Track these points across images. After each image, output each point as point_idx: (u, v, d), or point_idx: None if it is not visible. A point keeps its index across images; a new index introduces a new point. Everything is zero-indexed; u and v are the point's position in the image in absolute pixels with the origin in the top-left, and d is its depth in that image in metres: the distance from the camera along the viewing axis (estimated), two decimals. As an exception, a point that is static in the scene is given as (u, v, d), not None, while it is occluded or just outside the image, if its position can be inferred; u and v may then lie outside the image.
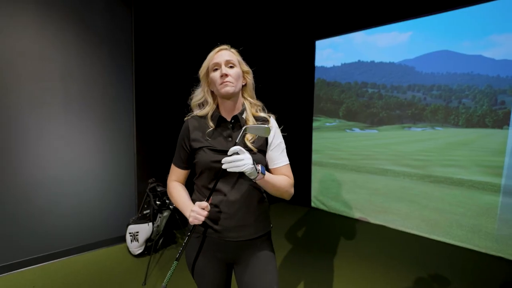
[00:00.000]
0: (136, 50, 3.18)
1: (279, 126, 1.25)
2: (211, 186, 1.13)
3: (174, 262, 1.13)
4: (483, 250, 3.05)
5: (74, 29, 2.79)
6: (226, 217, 1.13)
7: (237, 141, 1.04)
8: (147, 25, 3.24)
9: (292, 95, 4.66)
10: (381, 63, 3.84)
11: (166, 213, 2.85)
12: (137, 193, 3.26)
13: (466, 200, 3.21)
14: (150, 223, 2.79)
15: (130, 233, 2.85)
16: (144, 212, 2.87)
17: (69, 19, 2.75)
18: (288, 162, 1.21)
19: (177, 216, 2.82)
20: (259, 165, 1.05)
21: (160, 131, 3.41)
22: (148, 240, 2.85)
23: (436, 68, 3.39)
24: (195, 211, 1.05)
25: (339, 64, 4.24)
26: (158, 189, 2.88)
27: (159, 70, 3.38)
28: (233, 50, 1.18)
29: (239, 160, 0.98)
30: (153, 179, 2.93)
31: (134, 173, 3.26)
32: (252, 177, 1.03)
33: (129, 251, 2.92)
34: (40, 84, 2.64)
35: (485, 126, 3.10)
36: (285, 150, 1.21)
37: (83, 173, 2.93)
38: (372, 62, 3.91)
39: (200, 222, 1.05)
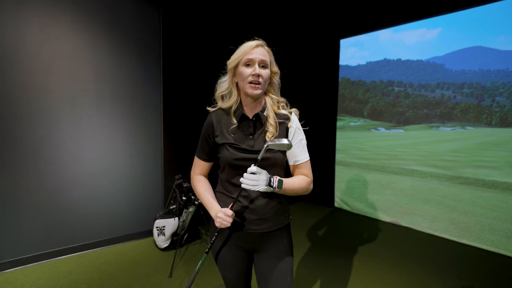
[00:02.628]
0: (164, 49, 3.31)
1: (301, 122, 1.25)
2: (233, 181, 1.18)
3: (204, 255, 1.21)
4: (518, 256, 2.90)
5: (106, 31, 2.95)
6: (248, 211, 1.18)
7: (258, 157, 1.08)
8: (174, 25, 3.36)
9: (316, 94, 4.64)
10: (408, 60, 3.74)
11: (191, 209, 2.95)
12: (164, 189, 3.39)
13: (500, 203, 3.05)
14: (176, 218, 2.90)
15: (157, 227, 2.97)
16: (171, 207, 2.98)
17: (101, 22, 2.92)
18: (308, 159, 1.22)
19: (202, 212, 2.91)
20: (276, 178, 1.10)
21: (187, 129, 3.52)
22: (174, 235, 2.96)
23: (467, 65, 3.25)
24: (221, 218, 1.11)
25: (364, 63, 4.17)
26: (184, 185, 2.98)
27: (186, 69, 3.49)
28: (267, 48, 1.18)
29: (254, 180, 1.05)
30: (179, 175, 3.04)
31: (161, 169, 3.39)
32: (268, 191, 1.10)
33: (156, 245, 3.05)
34: (75, 84, 2.82)
35: (521, 125, 2.95)
36: (305, 147, 1.22)
37: (113, 169, 3.10)
38: (399, 60, 3.81)
39: (226, 227, 1.12)
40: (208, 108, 1.27)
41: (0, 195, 2.51)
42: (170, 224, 2.91)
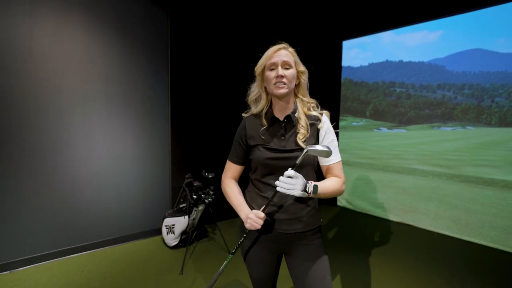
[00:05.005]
0: (172, 52, 3.35)
1: (332, 124, 1.28)
2: (264, 180, 1.21)
3: (230, 255, 1.24)
4: (517, 252, 3.00)
5: (116, 34, 2.99)
6: (279, 211, 1.19)
7: (297, 162, 1.09)
8: (182, 26, 3.40)
9: (319, 95, 4.66)
10: (410, 62, 3.83)
11: (201, 207, 3.00)
12: (171, 188, 3.43)
13: (499, 200, 3.15)
14: (186, 216, 2.94)
15: (166, 225, 3.01)
16: (180, 205, 3.02)
17: (110, 23, 2.96)
18: (340, 160, 1.23)
19: (211, 211, 2.96)
20: (312, 184, 1.09)
21: (194, 130, 3.57)
22: (183, 233, 3.00)
23: (468, 66, 3.35)
24: (253, 219, 1.12)
25: (366, 64, 4.26)
26: (195, 184, 3.03)
27: (194, 70, 3.54)
28: (290, 49, 1.22)
29: (290, 184, 1.06)
30: (190, 174, 3.09)
31: (169, 169, 3.43)
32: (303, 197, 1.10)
33: (165, 243, 3.09)
34: (85, 86, 2.85)
35: (520, 125, 3.05)
36: (337, 147, 1.23)
37: (123, 169, 3.13)
38: (401, 61, 3.90)
39: (256, 229, 1.14)
40: (243, 114, 1.32)
41: (12, 194, 2.54)
42: (180, 222, 2.95)
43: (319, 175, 1.27)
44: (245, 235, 1.20)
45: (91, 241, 2.94)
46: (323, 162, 1.23)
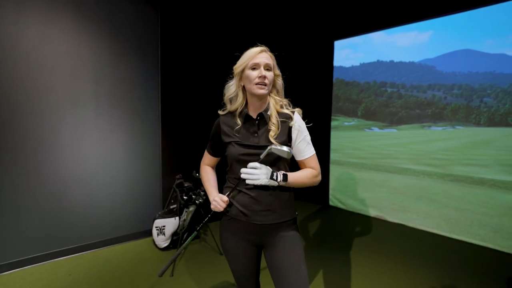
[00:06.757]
0: (162, 52, 3.31)
1: (304, 121, 1.34)
2: (239, 175, 1.26)
3: (195, 232, 1.34)
4: (505, 250, 3.03)
5: (107, 34, 2.94)
6: (254, 202, 1.24)
7: (261, 157, 1.17)
8: (172, 27, 3.37)
9: (310, 95, 4.71)
10: (400, 62, 3.86)
11: (192, 208, 2.96)
12: (162, 189, 3.39)
13: (488, 199, 3.19)
14: (177, 217, 2.91)
15: (156, 227, 2.97)
16: (171, 207, 2.98)
17: (100, 23, 2.91)
18: (314, 153, 1.31)
19: (202, 212, 2.93)
20: (281, 173, 1.19)
21: (185, 130, 3.54)
22: (174, 234, 2.97)
23: (457, 67, 3.39)
24: (217, 202, 1.25)
25: (358, 64, 4.28)
26: (185, 185, 3.00)
27: (184, 70, 3.50)
28: (270, 53, 1.27)
29: (254, 174, 1.16)
30: (180, 175, 3.06)
31: (159, 169, 3.39)
32: (273, 185, 1.19)
33: (155, 245, 3.04)
34: (75, 85, 2.80)
35: (508, 125, 3.09)
36: (310, 142, 1.31)
37: (112, 169, 3.08)
38: (392, 61, 3.93)
39: (219, 211, 1.26)
40: (219, 112, 1.37)
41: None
42: (170, 224, 2.91)
43: (296, 169, 1.32)
44: (209, 215, 1.33)
45: (80, 243, 2.88)
46: (298, 157, 1.29)
